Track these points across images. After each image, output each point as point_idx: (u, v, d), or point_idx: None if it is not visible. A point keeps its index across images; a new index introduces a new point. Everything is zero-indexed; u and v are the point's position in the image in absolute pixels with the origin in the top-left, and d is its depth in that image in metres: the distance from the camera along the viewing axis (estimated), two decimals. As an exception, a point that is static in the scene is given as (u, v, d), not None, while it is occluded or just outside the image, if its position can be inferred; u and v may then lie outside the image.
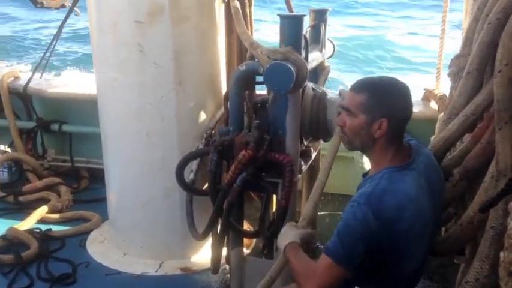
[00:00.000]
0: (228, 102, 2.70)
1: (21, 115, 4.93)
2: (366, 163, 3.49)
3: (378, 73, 11.56)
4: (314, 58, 2.84)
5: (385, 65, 13.18)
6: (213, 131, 3.18)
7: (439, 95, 3.77)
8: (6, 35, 16.16)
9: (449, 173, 2.16)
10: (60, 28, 4.71)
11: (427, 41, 13.96)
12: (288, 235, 2.01)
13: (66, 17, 4.60)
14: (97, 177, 4.41)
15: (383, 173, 1.80)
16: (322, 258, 1.78)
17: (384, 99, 1.80)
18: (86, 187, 4.64)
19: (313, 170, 3.18)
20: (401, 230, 1.74)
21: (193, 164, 3.07)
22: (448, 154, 2.23)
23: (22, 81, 4.87)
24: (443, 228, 2.35)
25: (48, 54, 4.84)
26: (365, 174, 1.97)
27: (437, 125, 2.91)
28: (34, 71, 4.89)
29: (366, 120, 1.81)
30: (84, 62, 12.00)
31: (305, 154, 2.79)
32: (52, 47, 4.77)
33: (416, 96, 4.07)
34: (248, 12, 3.00)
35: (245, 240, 3.01)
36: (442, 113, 2.72)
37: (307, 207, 2.34)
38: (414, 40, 15.42)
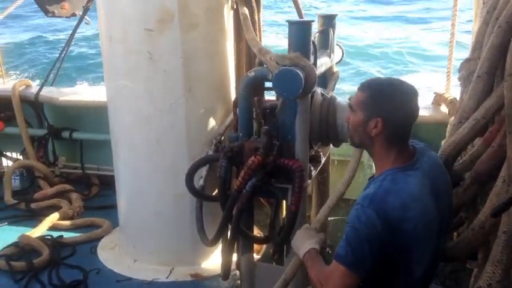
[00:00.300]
0: (237, 108, 2.71)
1: (32, 123, 4.99)
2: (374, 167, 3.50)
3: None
4: (323, 63, 2.84)
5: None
6: (222, 137, 3.18)
7: (449, 98, 3.76)
8: (21, 41, 16.39)
9: (460, 177, 2.15)
10: (71, 37, 4.77)
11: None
12: (306, 241, 2.04)
13: (77, 26, 4.65)
14: (108, 184, 4.44)
15: (385, 175, 1.82)
16: (334, 265, 1.80)
17: (381, 99, 1.83)
18: (96, 194, 4.67)
19: (323, 175, 3.18)
20: (406, 230, 1.74)
21: (203, 170, 3.08)
22: (459, 158, 2.22)
23: (34, 89, 4.93)
24: (455, 233, 2.34)
25: (59, 62, 4.89)
26: (371, 178, 1.98)
27: (448, 128, 2.90)
28: (45, 79, 4.95)
29: (363, 118, 1.85)
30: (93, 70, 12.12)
31: (315, 159, 2.79)
32: (63, 55, 4.83)
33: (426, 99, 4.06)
34: (257, 18, 3.01)
35: (255, 246, 3.00)
36: (453, 117, 2.71)
37: (322, 211, 2.37)
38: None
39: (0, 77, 5.50)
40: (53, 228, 4.02)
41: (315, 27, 2.81)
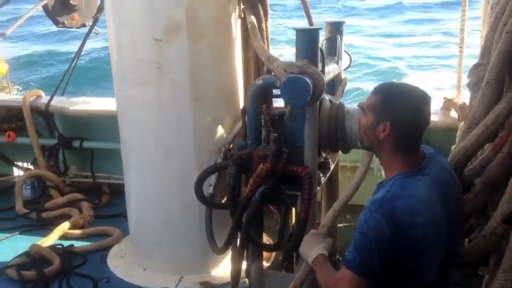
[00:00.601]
0: (246, 116, 2.72)
1: (43, 133, 5.03)
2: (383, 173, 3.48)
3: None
4: (330, 70, 2.85)
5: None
6: (231, 145, 3.19)
7: (459, 103, 3.74)
8: (31, 52, 16.60)
9: (471, 183, 2.14)
10: (80, 47, 4.82)
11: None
12: (314, 247, 2.05)
13: (86, 36, 4.71)
14: (118, 192, 4.45)
15: (394, 179, 1.82)
16: (343, 270, 1.80)
17: (391, 102, 1.84)
18: (107, 202, 4.69)
19: (332, 182, 3.17)
20: (415, 234, 1.74)
21: (212, 178, 3.09)
22: (469, 164, 2.21)
23: (44, 100, 4.98)
24: (466, 240, 2.32)
25: (69, 72, 4.94)
26: (380, 183, 1.97)
27: (458, 134, 2.89)
28: (56, 89, 4.99)
29: (372, 121, 1.87)
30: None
31: (324, 166, 2.78)
32: (73, 65, 4.88)
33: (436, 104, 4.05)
34: (264, 26, 3.03)
35: (265, 254, 3.00)
36: (463, 122, 2.70)
37: (328, 215, 2.38)
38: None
39: (5, 89, 5.55)
40: (64, 237, 4.04)
41: (322, 34, 2.82)
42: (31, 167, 5.17)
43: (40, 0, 4.54)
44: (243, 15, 3.14)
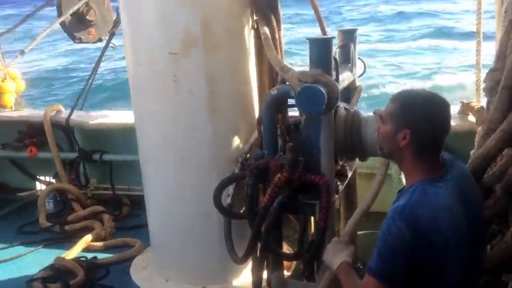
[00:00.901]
0: (261, 126, 2.74)
1: (64, 146, 5.13)
2: (403, 180, 3.45)
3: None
4: (345, 78, 2.85)
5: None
6: (248, 155, 3.21)
7: (476, 107, 3.70)
8: (49, 68, 16.95)
9: (491, 189, 2.12)
10: (98, 61, 4.92)
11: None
12: (338, 254, 2.08)
13: (104, 51, 4.79)
14: (138, 203, 4.51)
15: (415, 186, 1.83)
16: (366, 278, 1.82)
17: (410, 110, 1.85)
18: (127, 214, 4.75)
19: (350, 190, 3.16)
20: (437, 241, 1.74)
21: (230, 189, 3.10)
22: (488, 170, 2.19)
23: (64, 114, 5.08)
24: (488, 246, 2.29)
25: (87, 87, 5.04)
26: (400, 191, 1.98)
27: (476, 138, 2.85)
28: (75, 103, 5.09)
29: (391, 129, 1.88)
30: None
31: (341, 174, 2.78)
32: (91, 80, 4.97)
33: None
34: (277, 37, 3.04)
35: (285, 262, 3.00)
36: (481, 127, 2.68)
37: (350, 223, 2.39)
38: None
39: (21, 106, 5.63)
40: (87, 249, 4.10)
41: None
42: (53, 180, 5.27)
43: (58, 17, 4.64)
44: (256, 26, 3.16)
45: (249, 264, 2.99)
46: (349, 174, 2.88)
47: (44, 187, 5.26)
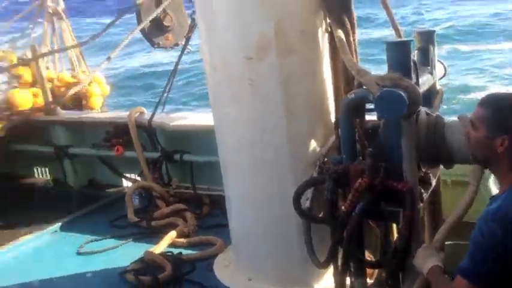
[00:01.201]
0: (339, 130, 2.71)
1: (147, 147, 5.39)
2: (490, 188, 3.27)
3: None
4: (425, 81, 2.74)
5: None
6: (325, 158, 3.19)
7: None
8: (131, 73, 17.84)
9: None
10: (176, 65, 5.10)
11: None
12: (429, 258, 2.09)
13: (181, 55, 4.96)
14: (218, 203, 4.65)
15: (510, 190, 1.82)
16: (457, 280, 1.83)
17: (504, 116, 1.83)
18: (207, 213, 4.91)
19: (434, 198, 3.02)
20: None
21: (309, 192, 3.10)
22: None
23: (147, 116, 5.33)
24: None
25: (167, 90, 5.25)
26: (493, 197, 1.97)
27: None
28: (156, 106, 5.33)
29: (486, 134, 1.86)
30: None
31: (425, 181, 2.68)
32: (170, 83, 5.17)
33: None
34: (352, 40, 2.98)
35: (367, 270, 2.95)
36: None
37: (441, 231, 2.38)
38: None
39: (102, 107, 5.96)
40: (172, 245, 4.30)
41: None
42: (139, 178, 5.56)
43: (137, 24, 4.86)
44: (329, 29, 3.12)
45: (330, 269, 2.99)
46: (433, 181, 2.78)
47: (129, 184, 5.56)
